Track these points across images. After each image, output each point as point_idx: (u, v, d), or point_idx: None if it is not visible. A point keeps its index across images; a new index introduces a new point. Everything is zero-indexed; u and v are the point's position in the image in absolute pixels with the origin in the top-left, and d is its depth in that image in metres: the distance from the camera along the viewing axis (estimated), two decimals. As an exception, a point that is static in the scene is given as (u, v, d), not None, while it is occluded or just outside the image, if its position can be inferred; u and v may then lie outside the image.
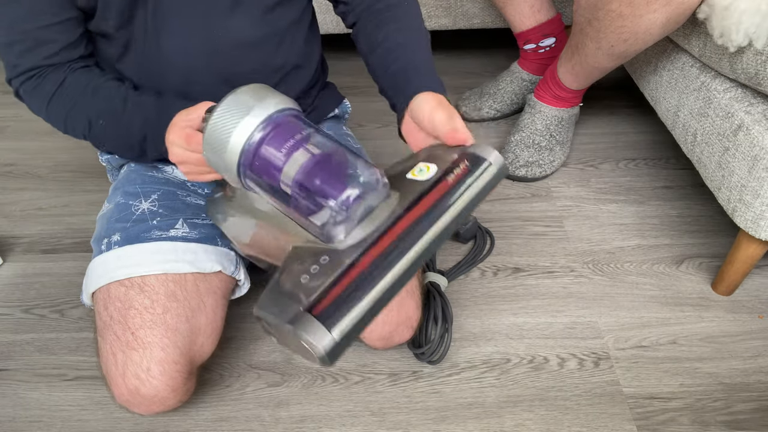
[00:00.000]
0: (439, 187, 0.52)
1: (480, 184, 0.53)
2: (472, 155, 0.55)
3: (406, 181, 0.54)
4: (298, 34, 0.73)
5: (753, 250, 0.79)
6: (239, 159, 0.51)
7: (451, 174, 0.53)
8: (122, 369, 0.62)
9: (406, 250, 0.49)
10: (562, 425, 0.71)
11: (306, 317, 0.45)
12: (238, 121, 0.50)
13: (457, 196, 0.52)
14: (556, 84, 1.04)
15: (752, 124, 0.72)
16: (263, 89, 0.53)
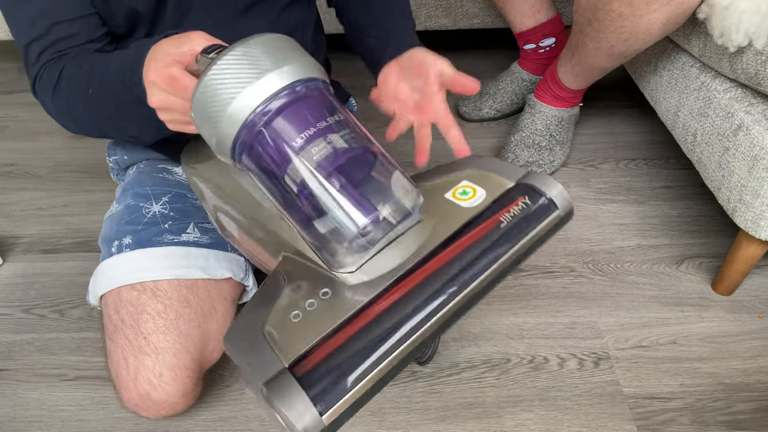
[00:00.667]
0: (487, 223, 0.40)
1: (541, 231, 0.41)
2: (532, 189, 0.42)
3: (444, 202, 0.43)
4: (307, 30, 0.73)
5: (753, 250, 0.79)
6: (239, 131, 0.38)
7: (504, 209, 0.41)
8: (134, 374, 0.61)
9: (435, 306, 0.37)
10: (562, 425, 0.71)
11: (288, 382, 0.34)
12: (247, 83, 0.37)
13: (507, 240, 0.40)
14: (556, 84, 1.04)
15: (752, 124, 0.72)
16: (287, 44, 0.39)
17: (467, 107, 1.24)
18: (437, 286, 0.38)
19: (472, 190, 0.43)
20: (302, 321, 0.37)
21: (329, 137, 0.37)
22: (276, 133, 0.37)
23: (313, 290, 0.39)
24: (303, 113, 0.37)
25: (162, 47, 0.45)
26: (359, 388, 0.34)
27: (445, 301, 0.38)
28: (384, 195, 0.37)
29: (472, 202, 0.42)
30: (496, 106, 1.22)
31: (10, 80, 1.44)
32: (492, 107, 1.22)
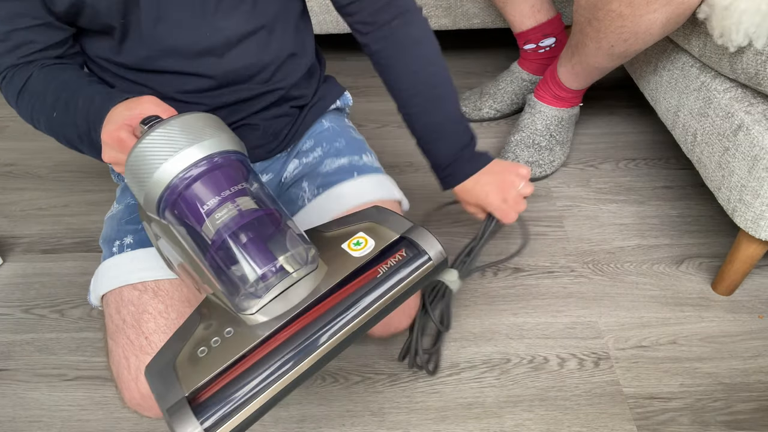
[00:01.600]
0: (368, 273, 0.48)
1: (411, 280, 0.48)
2: (412, 243, 0.50)
3: (340, 252, 0.50)
4: (288, 23, 0.72)
5: (753, 250, 0.79)
6: (162, 192, 0.45)
7: (385, 260, 0.48)
8: (135, 373, 0.61)
9: (312, 347, 0.45)
10: (562, 425, 0.71)
11: (184, 412, 0.41)
12: (171, 153, 0.44)
13: (382, 289, 0.47)
14: (556, 84, 1.04)
15: (752, 124, 0.72)
16: (209, 121, 0.47)
17: (467, 107, 1.24)
18: (319, 327, 0.46)
19: (364, 241, 0.50)
20: (206, 356, 0.44)
21: (236, 200, 0.45)
22: (190, 197, 0.44)
23: (220, 328, 0.46)
24: (215, 181, 0.45)
25: (117, 110, 0.53)
26: (243, 413, 0.42)
27: (324, 341, 0.46)
28: (280, 248, 0.45)
29: (361, 252, 0.49)
30: (496, 106, 1.22)
31: (10, 80, 1.44)
32: (492, 107, 1.22)
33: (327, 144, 0.78)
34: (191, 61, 0.66)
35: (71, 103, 0.59)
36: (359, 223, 0.53)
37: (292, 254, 0.46)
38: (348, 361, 0.79)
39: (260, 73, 0.71)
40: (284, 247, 0.45)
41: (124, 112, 0.52)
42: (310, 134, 0.80)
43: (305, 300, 0.46)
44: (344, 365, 0.79)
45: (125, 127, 0.50)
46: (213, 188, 0.45)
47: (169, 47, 0.65)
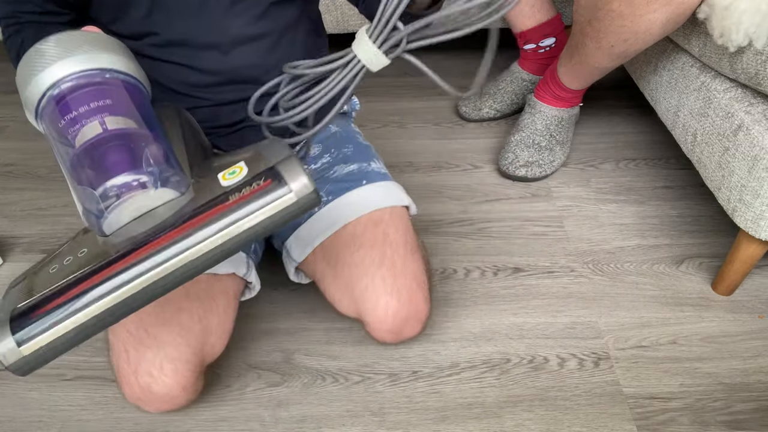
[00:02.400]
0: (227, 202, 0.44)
1: (266, 212, 0.44)
2: (278, 175, 0.45)
3: (212, 181, 0.47)
4: (298, 34, 0.73)
5: (753, 250, 0.79)
6: (40, 98, 0.46)
7: (246, 189, 0.45)
8: (135, 366, 0.62)
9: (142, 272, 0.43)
10: (562, 425, 0.71)
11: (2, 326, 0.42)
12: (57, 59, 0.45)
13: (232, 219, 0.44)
14: (556, 84, 1.04)
15: (752, 124, 0.72)
16: (112, 43, 0.48)
17: (467, 107, 1.24)
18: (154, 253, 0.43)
19: (239, 170, 0.46)
20: (55, 273, 0.44)
21: (103, 117, 0.44)
22: (65, 106, 0.44)
23: (77, 248, 0.46)
24: (93, 94, 0.44)
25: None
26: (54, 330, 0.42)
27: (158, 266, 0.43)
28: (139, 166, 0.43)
29: (230, 181, 0.45)
30: (496, 106, 1.22)
31: (11, 80, 1.44)
32: (492, 107, 1.22)
33: (335, 150, 0.78)
34: (196, 53, 0.66)
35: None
36: (246, 153, 0.49)
37: (154, 171, 0.44)
38: (348, 361, 0.79)
39: (264, 75, 0.71)
40: (147, 164, 0.44)
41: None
42: (317, 139, 0.80)
43: (157, 226, 0.44)
44: (344, 365, 0.79)
45: None
46: (88, 100, 0.45)
47: (177, 37, 0.65)
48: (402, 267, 0.69)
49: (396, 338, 0.72)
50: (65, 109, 0.45)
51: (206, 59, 0.67)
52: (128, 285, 0.43)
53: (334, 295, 0.73)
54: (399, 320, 0.69)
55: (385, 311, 0.68)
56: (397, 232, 0.70)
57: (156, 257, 0.43)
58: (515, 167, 1.07)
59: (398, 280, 0.68)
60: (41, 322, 0.42)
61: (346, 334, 0.82)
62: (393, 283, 0.68)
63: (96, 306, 0.43)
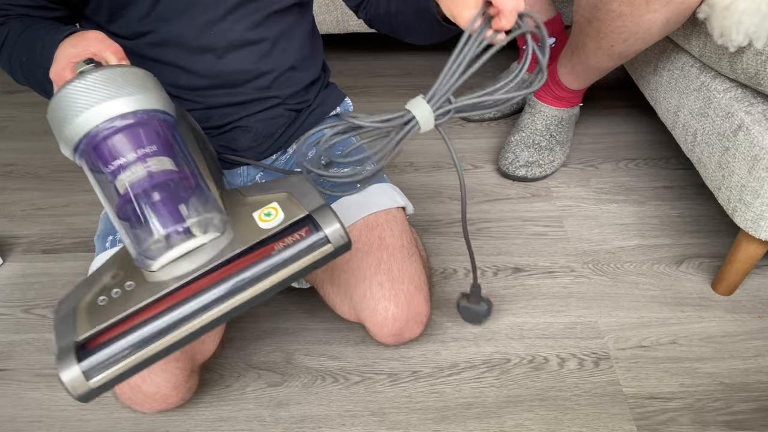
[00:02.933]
0: (269, 246, 0.49)
1: (308, 259, 0.49)
2: (315, 223, 0.50)
3: (249, 221, 0.51)
4: (292, 40, 0.73)
5: (753, 250, 0.79)
6: (80, 139, 0.45)
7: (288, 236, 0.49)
8: None
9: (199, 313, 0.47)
10: (562, 425, 0.71)
11: (69, 356, 0.44)
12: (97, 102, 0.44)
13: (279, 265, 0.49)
14: (556, 84, 1.04)
15: (752, 124, 0.72)
16: (145, 78, 0.48)
17: (467, 107, 1.24)
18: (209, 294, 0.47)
19: (275, 212, 0.51)
20: (106, 306, 0.47)
21: (148, 161, 0.45)
22: (104, 150, 0.45)
23: (123, 280, 0.48)
24: (135, 137, 0.45)
25: (63, 47, 0.52)
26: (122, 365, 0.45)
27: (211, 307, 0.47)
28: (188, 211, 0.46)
29: (269, 225, 0.50)
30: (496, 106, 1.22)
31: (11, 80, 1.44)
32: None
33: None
34: (190, 55, 0.66)
35: (37, 46, 0.60)
36: (277, 192, 0.53)
37: (200, 219, 0.46)
38: (348, 361, 0.79)
39: (256, 80, 0.71)
40: (193, 211, 0.46)
41: (69, 49, 0.52)
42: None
43: (205, 265, 0.48)
44: (344, 365, 0.79)
45: (69, 66, 0.50)
46: (132, 144, 0.45)
47: (173, 36, 0.65)
48: (399, 271, 0.69)
49: (397, 341, 0.72)
50: (109, 151, 0.45)
51: (200, 62, 0.67)
52: (190, 321, 0.47)
53: (334, 301, 0.73)
54: (399, 324, 0.69)
55: (385, 316, 0.68)
56: (393, 236, 0.70)
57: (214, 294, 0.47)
58: (515, 167, 1.07)
59: (396, 284, 0.68)
60: (108, 355, 0.45)
61: (346, 334, 0.82)
62: (391, 287, 0.68)
63: (160, 341, 0.46)
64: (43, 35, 0.59)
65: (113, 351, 0.46)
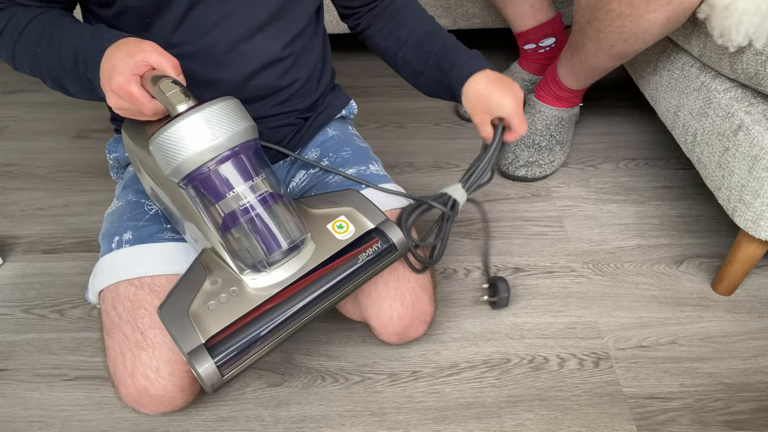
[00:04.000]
0: (349, 255, 0.59)
1: (382, 265, 0.61)
2: (383, 235, 0.61)
3: (325, 232, 0.61)
4: (311, 54, 0.74)
5: (753, 250, 0.79)
6: (189, 174, 0.51)
7: (362, 245, 0.60)
8: (131, 369, 0.62)
9: (304, 310, 0.56)
10: (562, 425, 0.71)
11: (202, 353, 0.52)
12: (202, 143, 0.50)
13: (359, 269, 0.59)
14: (556, 84, 1.04)
15: (752, 124, 0.72)
16: (234, 109, 0.52)
17: (467, 107, 1.24)
18: (308, 296, 0.57)
19: (346, 225, 0.61)
20: (216, 309, 0.55)
21: (255, 187, 0.53)
22: (217, 180, 0.52)
23: (226, 287, 0.56)
24: (238, 169, 0.52)
25: (120, 56, 0.53)
26: (249, 357, 0.54)
27: (313, 304, 0.57)
28: (287, 232, 0.55)
29: (344, 236, 0.60)
30: (496, 106, 1.22)
31: (11, 80, 1.44)
32: (492, 107, 1.22)
33: (333, 154, 0.78)
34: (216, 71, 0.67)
35: (55, 38, 0.59)
36: (341, 207, 0.63)
37: (296, 239, 0.55)
38: (348, 361, 0.79)
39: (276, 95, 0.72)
40: (291, 232, 0.55)
41: (127, 59, 0.53)
42: (315, 143, 0.80)
43: (299, 271, 0.57)
44: (344, 365, 0.79)
45: (134, 79, 0.52)
46: (237, 175, 0.52)
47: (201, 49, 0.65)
48: (404, 270, 0.69)
49: (401, 340, 0.72)
50: (222, 180, 0.52)
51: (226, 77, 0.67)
52: (300, 318, 0.56)
53: None
54: (404, 323, 0.69)
55: (390, 315, 0.68)
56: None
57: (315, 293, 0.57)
58: (515, 167, 1.07)
59: (401, 283, 0.68)
60: (237, 353, 0.53)
61: (346, 334, 0.82)
62: (396, 287, 0.68)
63: (276, 338, 0.55)
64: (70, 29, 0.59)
65: (239, 346, 0.53)
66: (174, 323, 0.54)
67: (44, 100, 1.35)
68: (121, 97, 0.53)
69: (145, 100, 0.52)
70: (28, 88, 1.40)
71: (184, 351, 0.52)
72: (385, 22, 0.77)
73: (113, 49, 0.55)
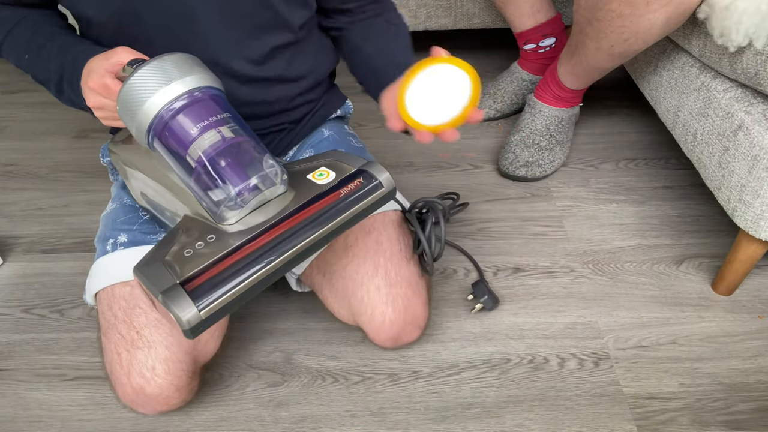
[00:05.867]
0: (331, 195, 0.57)
1: (367, 201, 0.58)
2: (367, 173, 0.59)
3: (305, 181, 0.59)
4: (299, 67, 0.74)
5: (753, 250, 0.79)
6: (151, 122, 0.51)
7: (345, 186, 0.58)
8: (127, 368, 0.62)
9: (285, 249, 0.54)
10: (562, 425, 0.71)
11: (178, 291, 0.49)
12: (158, 87, 0.50)
13: (343, 208, 0.57)
14: (556, 84, 1.04)
15: (752, 124, 0.72)
16: (190, 60, 0.53)
17: (467, 107, 1.24)
18: (290, 235, 0.54)
19: (326, 173, 0.59)
20: (192, 255, 0.53)
21: (219, 128, 0.52)
22: (178, 125, 0.51)
23: (202, 235, 0.54)
24: (197, 112, 0.52)
25: (96, 61, 0.56)
26: (226, 296, 0.51)
27: (294, 245, 0.54)
28: (255, 170, 0.53)
29: (325, 181, 0.58)
30: (496, 106, 1.22)
31: (11, 80, 1.44)
32: (492, 107, 1.22)
33: None
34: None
35: (44, 50, 0.63)
36: (322, 160, 0.62)
37: (265, 174, 0.53)
38: (348, 361, 0.79)
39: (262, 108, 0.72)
40: (259, 169, 0.53)
41: (102, 62, 0.55)
42: (310, 144, 0.79)
43: (277, 215, 0.55)
44: (344, 365, 0.79)
45: (108, 74, 0.55)
46: (196, 118, 0.51)
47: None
48: (396, 275, 0.68)
49: (395, 344, 0.72)
50: (179, 128, 0.51)
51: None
52: (280, 256, 0.53)
53: (332, 305, 0.73)
54: (396, 328, 0.69)
55: (382, 321, 0.68)
56: (389, 240, 0.70)
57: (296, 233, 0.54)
58: (515, 167, 1.07)
59: (393, 288, 0.68)
60: (214, 290, 0.50)
61: (346, 334, 0.82)
62: (388, 292, 0.68)
63: (256, 275, 0.52)
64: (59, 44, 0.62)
65: (216, 284, 0.51)
66: (146, 272, 0.52)
67: (44, 100, 1.35)
68: (97, 92, 0.55)
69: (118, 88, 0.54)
70: (28, 88, 1.41)
71: (156, 292, 0.50)
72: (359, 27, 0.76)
73: (91, 60, 0.58)
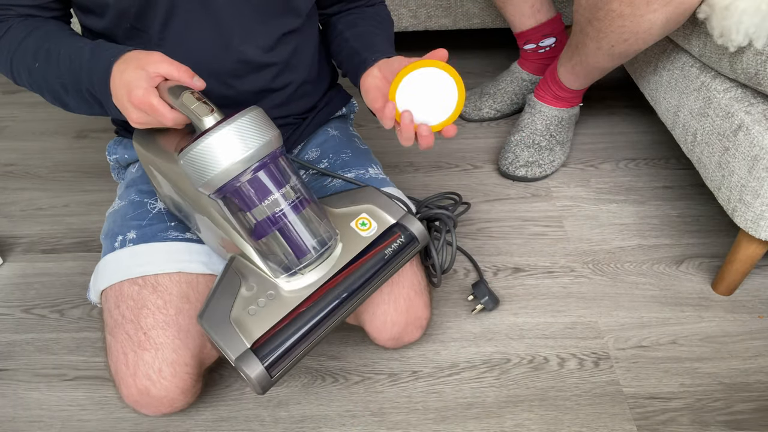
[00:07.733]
0: (374, 250, 0.62)
1: (406, 258, 0.64)
2: (404, 228, 0.64)
3: (350, 231, 0.63)
4: (304, 57, 0.74)
5: (753, 250, 0.79)
6: (221, 187, 0.52)
7: (386, 240, 0.63)
8: (133, 369, 0.61)
9: (339, 307, 0.59)
10: (562, 425, 0.71)
11: (251, 358, 0.54)
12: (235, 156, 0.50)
13: (386, 264, 0.62)
14: (556, 84, 1.04)
15: (752, 124, 0.72)
16: (263, 119, 0.53)
17: (467, 107, 1.24)
18: (341, 294, 0.59)
19: (368, 222, 0.64)
20: (256, 314, 0.57)
21: (286, 194, 0.55)
22: (249, 189, 0.53)
23: (263, 291, 0.58)
24: (268, 178, 0.54)
25: (131, 70, 0.54)
26: (293, 356, 0.56)
27: (347, 301, 0.59)
28: (318, 236, 0.57)
29: (368, 233, 0.63)
30: (496, 106, 1.22)
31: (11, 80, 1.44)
32: (492, 107, 1.22)
33: (333, 155, 0.78)
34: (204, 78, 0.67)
35: (53, 52, 0.60)
36: (361, 204, 0.65)
37: (327, 242, 0.58)
38: (348, 361, 0.79)
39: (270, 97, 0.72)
40: (321, 236, 0.57)
41: (139, 72, 0.54)
42: (315, 143, 0.80)
43: (330, 271, 0.60)
44: (344, 365, 0.79)
45: (152, 91, 0.54)
46: (267, 184, 0.53)
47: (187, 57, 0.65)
48: (398, 275, 0.69)
49: (396, 344, 0.72)
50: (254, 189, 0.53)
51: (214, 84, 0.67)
52: (337, 316, 0.59)
53: None
54: (398, 328, 0.69)
55: (383, 321, 0.68)
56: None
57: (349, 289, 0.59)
58: (515, 167, 1.07)
59: (395, 288, 0.68)
60: (282, 353, 0.55)
61: (346, 334, 0.82)
62: (390, 292, 0.68)
63: (316, 336, 0.57)
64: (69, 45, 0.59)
65: (283, 347, 0.55)
66: (217, 330, 0.55)
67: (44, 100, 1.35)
68: (142, 110, 0.54)
69: (166, 111, 0.54)
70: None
71: (231, 357, 0.54)
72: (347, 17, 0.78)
73: (121, 64, 0.55)
